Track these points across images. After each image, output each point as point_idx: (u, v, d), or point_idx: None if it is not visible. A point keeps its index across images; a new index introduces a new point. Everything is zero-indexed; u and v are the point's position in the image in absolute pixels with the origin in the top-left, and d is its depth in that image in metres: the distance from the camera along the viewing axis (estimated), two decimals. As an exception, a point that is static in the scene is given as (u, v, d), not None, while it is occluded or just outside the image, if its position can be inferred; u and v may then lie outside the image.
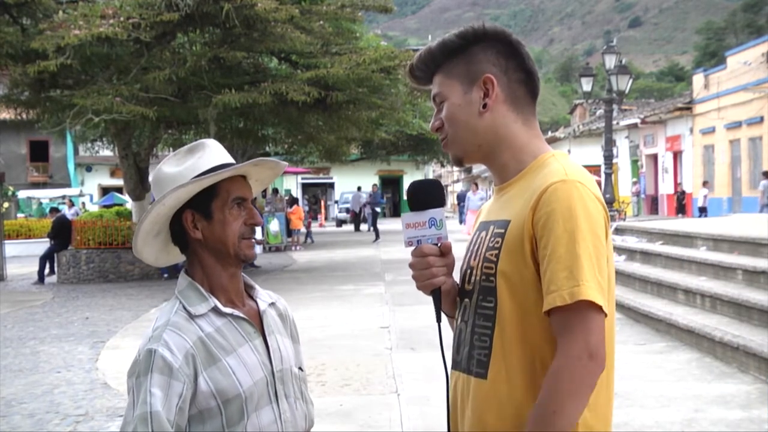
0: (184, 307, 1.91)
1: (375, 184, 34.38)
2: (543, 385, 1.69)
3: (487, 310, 1.81)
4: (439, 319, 1.92)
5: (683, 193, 31.16)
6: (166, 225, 2.00)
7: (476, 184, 27.64)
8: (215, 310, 1.93)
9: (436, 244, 1.87)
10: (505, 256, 1.78)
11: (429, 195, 1.89)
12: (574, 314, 1.67)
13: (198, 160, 1.96)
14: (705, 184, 29.57)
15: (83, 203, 36.87)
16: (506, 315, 1.77)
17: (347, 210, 40.97)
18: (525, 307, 1.75)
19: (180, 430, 1.80)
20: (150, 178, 2.08)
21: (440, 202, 1.89)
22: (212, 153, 1.98)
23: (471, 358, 1.84)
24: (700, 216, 26.57)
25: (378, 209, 31.76)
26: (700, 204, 28.75)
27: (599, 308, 1.68)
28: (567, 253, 1.68)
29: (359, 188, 38.67)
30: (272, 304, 2.10)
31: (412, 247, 1.89)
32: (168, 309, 1.94)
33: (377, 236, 29.17)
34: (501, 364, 1.77)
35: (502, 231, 1.81)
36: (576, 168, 1.81)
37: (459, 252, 1.82)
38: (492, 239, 1.83)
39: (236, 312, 1.95)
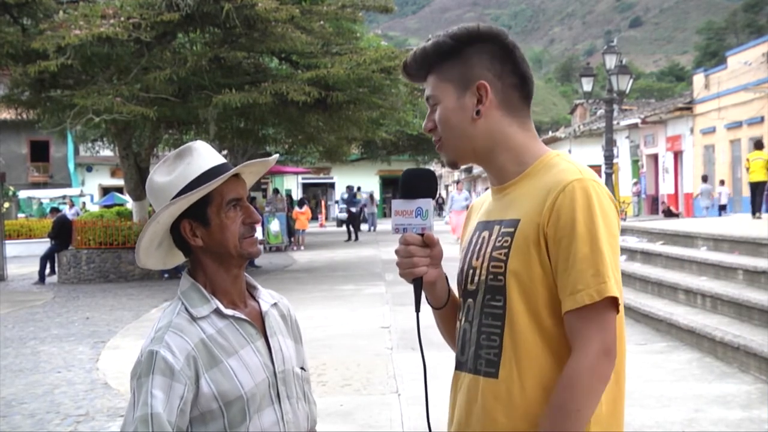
0: (186, 309, 1.91)
1: (349, 186, 34.30)
2: (560, 383, 1.70)
3: (496, 309, 1.81)
4: (417, 309, 1.91)
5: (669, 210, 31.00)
6: (166, 235, 2.00)
7: (460, 183, 27.31)
8: (217, 311, 1.92)
9: (421, 234, 1.87)
10: (516, 255, 1.78)
11: (420, 184, 1.89)
12: (592, 312, 1.70)
13: (187, 167, 1.94)
14: (722, 182, 29.46)
15: (83, 203, 36.84)
16: (516, 313, 1.77)
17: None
18: (534, 305, 1.76)
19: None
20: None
21: (430, 193, 1.89)
22: (200, 157, 1.96)
23: (478, 357, 1.84)
24: (720, 214, 26.47)
25: (353, 209, 31.60)
26: (721, 202, 28.54)
27: (615, 306, 1.72)
28: (591, 253, 1.70)
29: (359, 188, 38.65)
30: (275, 305, 2.09)
31: (399, 234, 1.89)
32: (170, 310, 1.93)
33: (348, 237, 29.27)
34: (512, 362, 1.77)
35: (512, 230, 1.81)
36: (586, 167, 1.83)
37: (451, 253, 1.81)
38: (499, 239, 1.83)
39: (238, 314, 1.95)
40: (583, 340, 1.70)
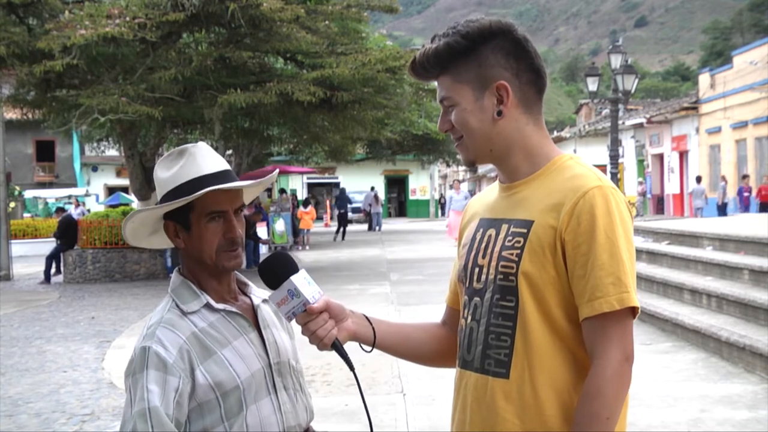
0: (177, 305, 1.93)
1: (342, 188, 34.56)
2: (588, 392, 1.71)
3: (507, 310, 1.80)
4: (351, 368, 1.94)
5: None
6: (159, 226, 2.02)
7: (457, 183, 26.90)
8: (208, 306, 1.94)
9: (305, 310, 1.88)
10: (529, 257, 1.77)
11: (277, 270, 1.91)
12: (612, 320, 1.72)
13: (180, 169, 1.95)
14: (725, 181, 29.43)
15: (84, 202, 36.75)
16: (529, 315, 1.77)
17: (358, 210, 40.86)
18: (547, 307, 1.77)
19: (179, 424, 1.81)
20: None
21: (289, 271, 1.90)
22: (194, 162, 1.95)
23: (486, 357, 1.83)
24: (725, 213, 26.47)
25: (342, 211, 31.92)
26: (720, 202, 28.46)
27: (634, 314, 1.74)
28: (611, 260, 1.72)
29: (372, 188, 38.70)
30: (266, 301, 2.10)
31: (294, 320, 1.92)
32: (161, 307, 1.96)
33: (335, 237, 29.49)
34: (524, 363, 1.77)
35: (524, 231, 1.80)
36: (600, 172, 1.83)
37: (450, 253, 1.81)
38: (509, 238, 1.82)
39: (229, 307, 1.96)
40: (604, 348, 1.71)
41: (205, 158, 1.96)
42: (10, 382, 8.30)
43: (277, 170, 2.28)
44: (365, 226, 37.70)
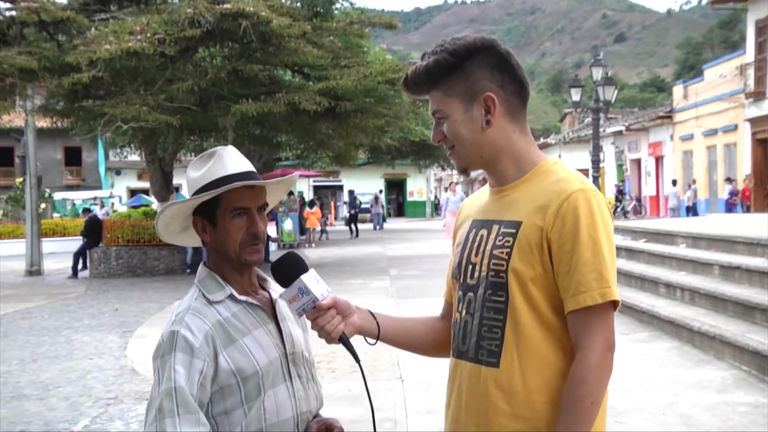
0: (203, 295, 1.93)
1: (351, 190, 34.77)
2: (573, 379, 1.71)
3: (498, 304, 1.80)
4: (357, 360, 1.92)
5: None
6: (188, 222, 2.01)
7: (452, 185, 26.71)
8: (231, 297, 1.94)
9: (314, 307, 1.87)
10: (518, 255, 1.77)
11: (288, 269, 1.90)
12: (595, 313, 1.72)
13: (207, 170, 1.95)
14: (689, 185, 29.45)
15: (112, 203, 36.80)
16: (519, 308, 1.77)
17: (366, 210, 40.84)
18: (535, 301, 1.76)
19: (202, 404, 1.81)
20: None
21: (299, 271, 1.89)
22: (220, 163, 1.95)
23: (480, 348, 1.82)
24: (687, 215, 26.50)
25: (353, 212, 32.25)
26: (689, 204, 28.53)
27: (615, 306, 1.75)
28: (594, 258, 1.72)
29: (381, 191, 38.78)
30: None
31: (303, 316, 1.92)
32: (189, 296, 1.95)
33: (351, 233, 29.64)
34: (513, 353, 1.77)
35: (513, 231, 1.79)
36: (582, 175, 1.83)
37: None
38: (500, 238, 1.81)
39: (250, 299, 1.96)
40: (588, 339, 1.71)
41: (231, 159, 1.97)
42: (41, 368, 8.30)
43: (297, 174, 2.27)
44: (370, 225, 37.71)
